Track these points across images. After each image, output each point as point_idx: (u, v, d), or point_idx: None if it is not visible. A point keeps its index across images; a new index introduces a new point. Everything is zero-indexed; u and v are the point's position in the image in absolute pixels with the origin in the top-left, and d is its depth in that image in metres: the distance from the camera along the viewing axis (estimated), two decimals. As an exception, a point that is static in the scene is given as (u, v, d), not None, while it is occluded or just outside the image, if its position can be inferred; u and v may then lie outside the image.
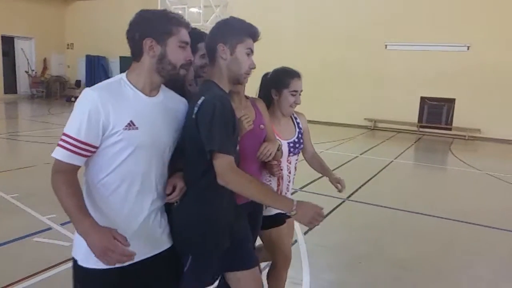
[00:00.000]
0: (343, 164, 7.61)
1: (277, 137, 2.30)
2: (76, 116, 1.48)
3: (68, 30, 20.39)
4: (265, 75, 2.46)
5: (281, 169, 2.35)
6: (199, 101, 1.67)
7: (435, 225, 4.81)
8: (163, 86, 1.70)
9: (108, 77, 17.20)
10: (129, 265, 1.50)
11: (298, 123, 2.52)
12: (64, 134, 1.48)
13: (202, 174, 1.70)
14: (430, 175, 8.08)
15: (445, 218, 4.99)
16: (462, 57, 12.27)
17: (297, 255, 3.50)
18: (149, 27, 1.57)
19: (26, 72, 18.89)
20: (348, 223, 4.78)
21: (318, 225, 1.63)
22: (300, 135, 2.48)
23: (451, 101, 12.77)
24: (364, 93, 13.40)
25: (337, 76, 13.79)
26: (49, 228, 4.07)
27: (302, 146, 2.51)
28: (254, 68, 1.86)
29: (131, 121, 1.52)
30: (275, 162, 2.18)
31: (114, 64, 19.05)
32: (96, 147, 1.50)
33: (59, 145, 1.48)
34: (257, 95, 2.44)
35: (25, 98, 18.70)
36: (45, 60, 19.66)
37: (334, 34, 13.63)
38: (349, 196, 5.51)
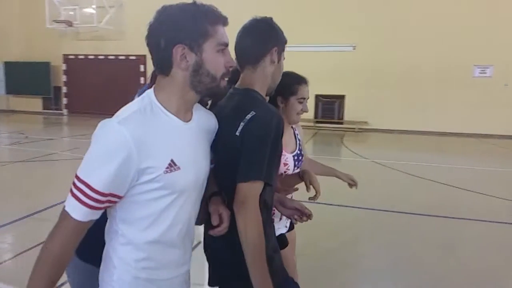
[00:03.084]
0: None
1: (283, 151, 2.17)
2: (100, 161, 1.09)
3: None
4: None
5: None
6: (248, 116, 1.37)
7: (326, 212, 5.27)
8: None
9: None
10: None
11: (296, 134, 2.32)
12: (82, 182, 1.09)
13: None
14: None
15: (334, 205, 5.53)
16: (349, 57, 13.48)
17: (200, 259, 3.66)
18: (178, 30, 1.18)
19: None
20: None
21: None
22: (300, 146, 2.29)
23: (342, 98, 13.96)
24: (264, 93, 14.00)
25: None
26: None
27: (303, 157, 2.30)
28: None
29: (172, 161, 1.17)
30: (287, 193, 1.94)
31: (-2, 70, 17.39)
32: (121, 197, 1.15)
33: (75, 197, 1.09)
34: None
35: None
36: None
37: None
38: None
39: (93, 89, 16.32)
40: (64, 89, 16.98)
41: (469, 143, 11.73)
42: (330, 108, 14.15)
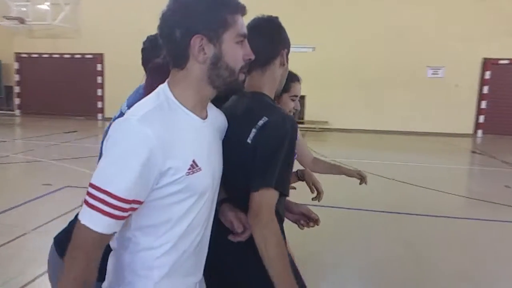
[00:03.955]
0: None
1: None
2: (120, 164, 0.98)
3: None
4: None
5: None
6: (260, 122, 1.31)
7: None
8: None
9: None
10: None
11: None
12: (101, 191, 0.97)
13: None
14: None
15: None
16: (309, 58, 13.69)
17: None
18: (196, 19, 1.08)
19: None
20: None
21: None
22: None
23: (302, 98, 14.15)
24: (226, 93, 14.04)
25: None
26: None
27: (296, 155, 2.24)
28: None
29: (194, 161, 1.09)
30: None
31: None
32: (142, 202, 1.05)
33: (95, 208, 0.97)
34: None
35: None
36: None
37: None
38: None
39: (47, 88, 15.71)
40: (16, 89, 16.24)
41: (425, 141, 12.19)
42: (291, 108, 14.35)
